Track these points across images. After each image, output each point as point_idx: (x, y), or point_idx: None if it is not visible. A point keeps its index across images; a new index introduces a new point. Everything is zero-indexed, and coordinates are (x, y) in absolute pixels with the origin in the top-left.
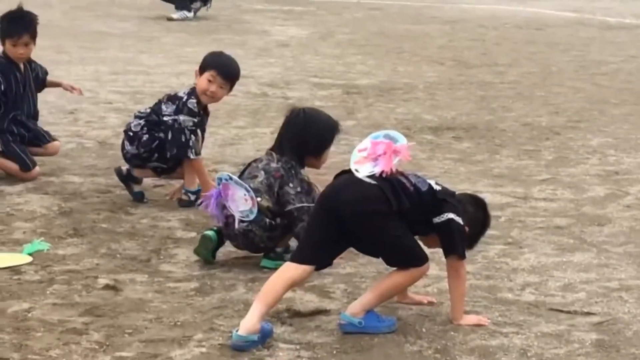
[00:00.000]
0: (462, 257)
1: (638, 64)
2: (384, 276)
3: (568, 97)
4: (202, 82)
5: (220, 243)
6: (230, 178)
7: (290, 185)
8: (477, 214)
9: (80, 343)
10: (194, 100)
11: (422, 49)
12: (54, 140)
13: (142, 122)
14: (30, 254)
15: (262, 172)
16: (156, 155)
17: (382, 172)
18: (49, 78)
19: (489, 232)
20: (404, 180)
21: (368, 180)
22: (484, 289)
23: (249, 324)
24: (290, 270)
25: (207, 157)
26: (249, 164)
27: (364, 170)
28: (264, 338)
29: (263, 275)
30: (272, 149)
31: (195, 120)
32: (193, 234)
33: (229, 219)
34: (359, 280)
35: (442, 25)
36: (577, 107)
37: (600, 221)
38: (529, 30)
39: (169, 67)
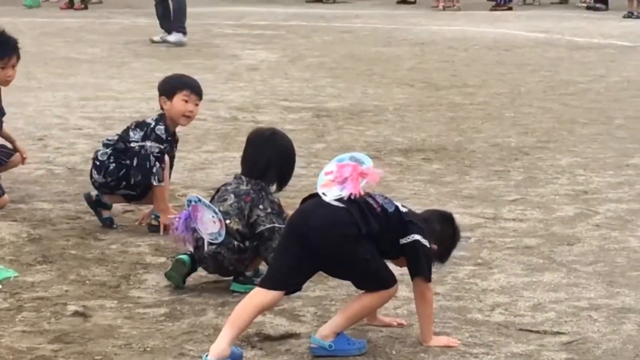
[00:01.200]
0: (428, 279)
1: (606, 83)
2: (353, 299)
3: (537, 117)
4: (178, 104)
5: (193, 268)
6: (199, 200)
7: (261, 207)
8: (445, 231)
9: None
10: (162, 127)
11: (392, 71)
12: (13, 153)
13: (109, 150)
14: None
15: (232, 195)
16: (124, 183)
17: (350, 195)
18: (4, 129)
19: (458, 253)
20: (372, 202)
21: (336, 203)
22: (453, 310)
23: (218, 349)
24: (260, 295)
25: (177, 182)
26: (219, 189)
27: (331, 194)
28: None
29: (233, 299)
30: (242, 173)
31: (162, 147)
32: (163, 259)
33: (198, 241)
34: (328, 303)
35: (412, 47)
36: (546, 127)
37: (570, 241)
38: (498, 51)
39: (138, 92)
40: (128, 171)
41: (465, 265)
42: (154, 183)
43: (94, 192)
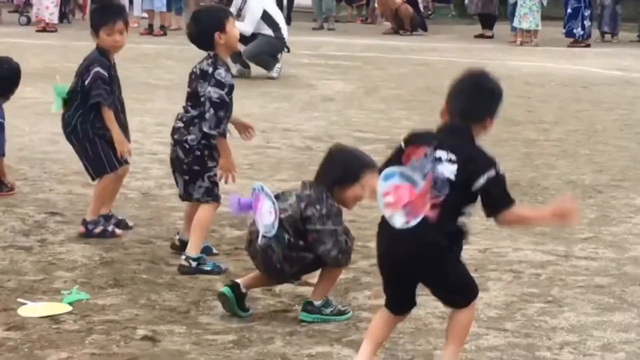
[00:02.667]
0: (514, 201)
1: None
2: (451, 324)
3: (612, 156)
4: (232, 32)
5: (240, 295)
6: (262, 189)
7: (317, 206)
8: (489, 101)
9: None
10: (222, 70)
11: None
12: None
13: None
14: (70, 304)
15: (294, 196)
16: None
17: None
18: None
19: (528, 289)
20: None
21: (407, 226)
22: (522, 347)
23: None
24: (386, 313)
25: None
26: (284, 191)
27: (398, 221)
28: None
29: (301, 329)
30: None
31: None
32: None
33: (252, 235)
34: (397, 336)
35: None
36: (621, 165)
37: None
38: (575, 88)
39: None
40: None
41: (535, 303)
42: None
43: (176, 237)
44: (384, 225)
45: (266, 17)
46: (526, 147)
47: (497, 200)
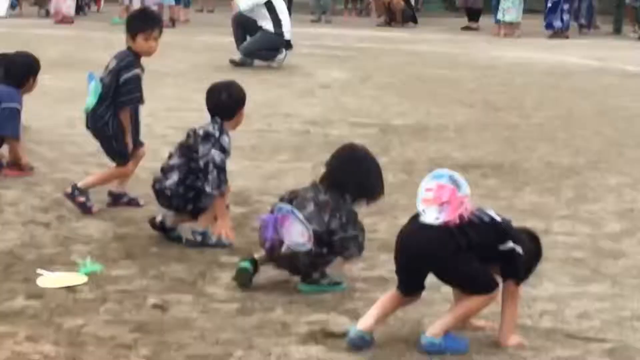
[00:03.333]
0: (521, 281)
1: None
2: (460, 301)
3: (588, 140)
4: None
5: (255, 271)
6: (292, 212)
7: (338, 215)
8: (532, 246)
9: (129, 357)
10: (226, 137)
11: (454, 92)
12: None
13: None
14: (85, 274)
15: (312, 204)
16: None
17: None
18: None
19: None
20: (470, 216)
21: (437, 223)
22: None
23: (366, 322)
24: (396, 293)
25: (251, 188)
26: (292, 194)
27: (429, 215)
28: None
29: (300, 298)
30: (321, 180)
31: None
32: (236, 259)
33: (275, 242)
34: None
35: (474, 70)
36: (596, 148)
37: (616, 255)
38: (554, 77)
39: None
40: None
41: None
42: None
43: (158, 218)
44: (411, 220)
45: (271, 11)
46: (508, 131)
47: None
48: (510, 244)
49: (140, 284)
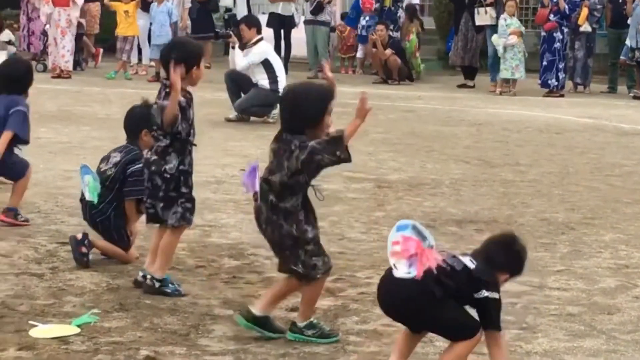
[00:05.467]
0: (499, 329)
1: None
2: (446, 350)
3: (584, 196)
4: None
5: (255, 319)
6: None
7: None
8: (510, 256)
9: None
10: None
11: (450, 148)
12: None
13: None
14: (78, 326)
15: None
16: None
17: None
18: None
19: (505, 317)
20: (442, 264)
21: (410, 277)
22: None
23: None
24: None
25: (246, 242)
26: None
27: (401, 269)
28: None
29: (293, 351)
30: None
31: None
32: (230, 312)
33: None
34: (382, 358)
35: (469, 127)
36: (591, 205)
37: (610, 310)
38: (550, 134)
39: (214, 159)
40: None
41: (511, 329)
42: None
43: (139, 275)
44: (386, 273)
45: (267, 67)
46: (504, 187)
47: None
48: (484, 293)
49: (133, 336)
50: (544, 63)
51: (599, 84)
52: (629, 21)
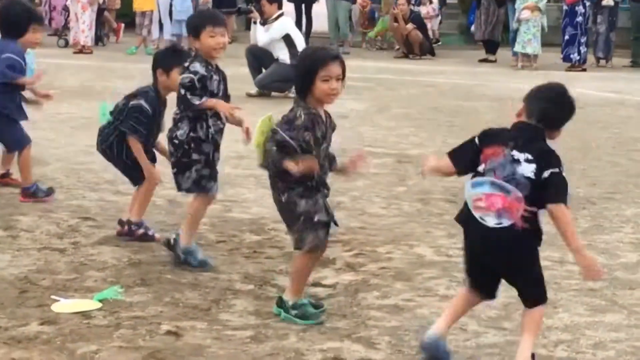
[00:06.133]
0: (566, 202)
1: None
2: (528, 320)
3: (605, 171)
4: (206, 41)
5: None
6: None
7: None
8: (567, 109)
9: None
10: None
11: (471, 123)
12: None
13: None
14: (100, 301)
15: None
16: None
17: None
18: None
19: None
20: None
21: (501, 225)
22: (519, 345)
23: (438, 330)
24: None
25: (267, 217)
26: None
27: (490, 221)
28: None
29: (314, 325)
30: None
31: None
32: (251, 286)
33: None
34: (403, 333)
35: (491, 102)
36: (613, 180)
37: (632, 285)
38: None
39: (235, 134)
40: None
41: None
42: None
43: (172, 236)
44: (475, 221)
45: (288, 41)
46: None
47: (554, 192)
48: (550, 170)
49: (154, 311)
50: (566, 37)
51: (621, 58)
52: None
